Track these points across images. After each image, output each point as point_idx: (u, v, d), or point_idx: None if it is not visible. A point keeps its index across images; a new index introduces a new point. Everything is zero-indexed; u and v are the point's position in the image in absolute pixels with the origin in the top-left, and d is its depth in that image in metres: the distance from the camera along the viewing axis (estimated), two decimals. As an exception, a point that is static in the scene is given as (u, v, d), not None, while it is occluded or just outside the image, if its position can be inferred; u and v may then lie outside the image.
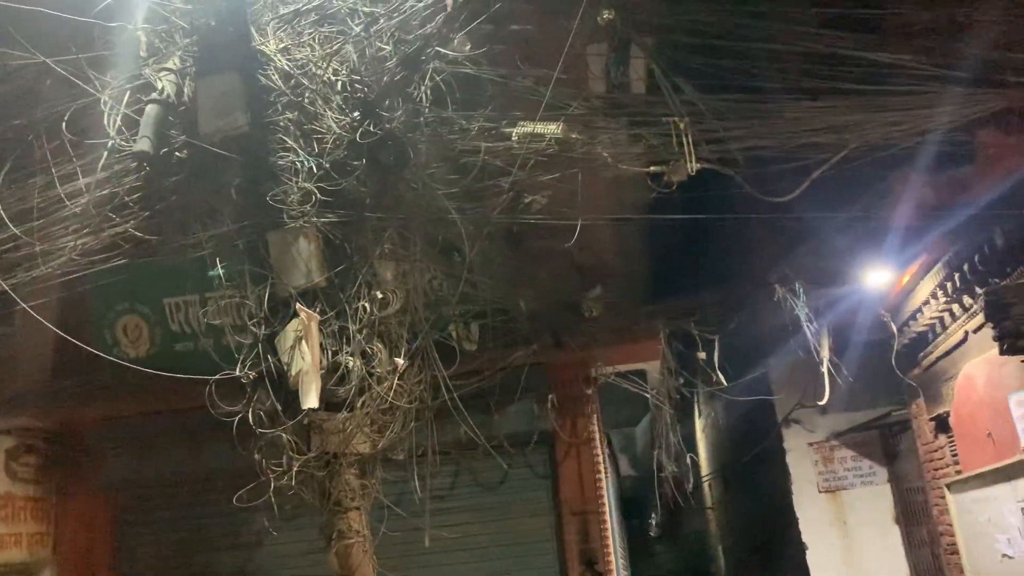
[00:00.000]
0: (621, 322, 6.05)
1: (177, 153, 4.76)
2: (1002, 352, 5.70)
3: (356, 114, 4.44)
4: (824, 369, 7.20)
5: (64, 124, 4.80)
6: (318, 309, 4.44)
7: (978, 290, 6.36)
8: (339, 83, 4.56)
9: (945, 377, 7.54)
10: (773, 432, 9.96)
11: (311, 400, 4.22)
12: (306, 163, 4.46)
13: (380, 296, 4.45)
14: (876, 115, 4.56)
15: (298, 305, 4.23)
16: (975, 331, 6.72)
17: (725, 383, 6.30)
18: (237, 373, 4.42)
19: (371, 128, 4.28)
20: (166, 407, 6.91)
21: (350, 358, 4.38)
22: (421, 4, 3.94)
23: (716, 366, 6.22)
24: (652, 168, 4.55)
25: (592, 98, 4.62)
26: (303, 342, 4.31)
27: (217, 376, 4.45)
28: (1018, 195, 5.26)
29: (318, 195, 4.40)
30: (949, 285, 6.61)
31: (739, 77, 4.76)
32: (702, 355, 6.20)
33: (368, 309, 4.40)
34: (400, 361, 4.43)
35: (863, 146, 4.64)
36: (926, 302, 7.13)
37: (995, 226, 5.57)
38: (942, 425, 7.83)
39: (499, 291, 5.22)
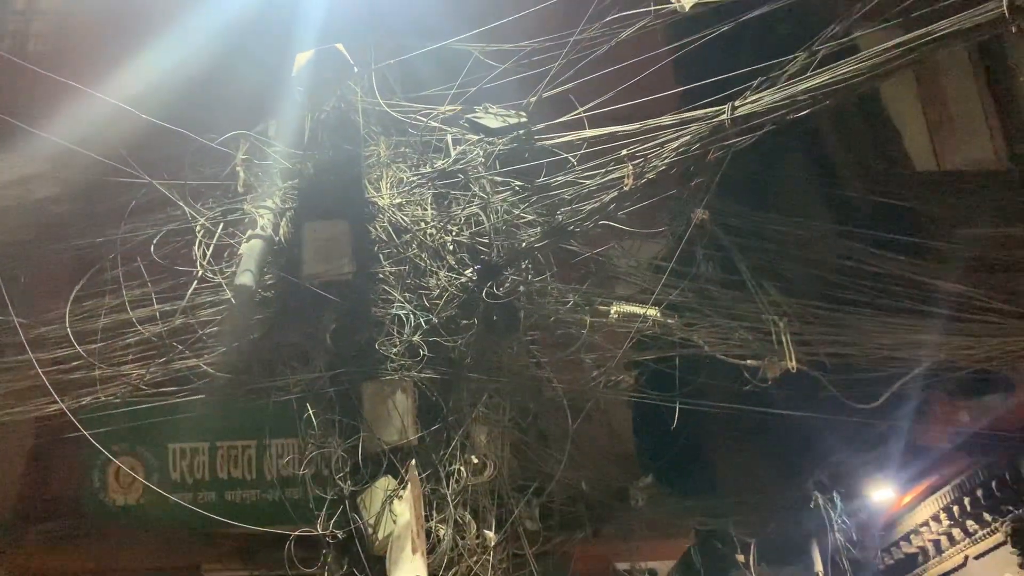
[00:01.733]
0: (659, 515, 5.94)
1: (262, 292, 4.63)
2: (1029, 579, 5.84)
3: (470, 272, 4.44)
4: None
5: (152, 247, 4.63)
6: (405, 471, 4.20)
7: (987, 516, 6.61)
8: (450, 243, 4.59)
9: (934, 605, 7.60)
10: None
11: (402, 568, 3.90)
12: (413, 317, 4.38)
13: (475, 461, 4.27)
14: (952, 338, 4.87)
15: (411, 463, 4.00)
16: (977, 557, 6.89)
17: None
18: (319, 531, 4.06)
19: (496, 290, 4.28)
20: (163, 565, 6.21)
21: (440, 526, 4.11)
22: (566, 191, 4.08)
23: (753, 570, 6.11)
24: (750, 361, 4.67)
25: (685, 289, 4.77)
26: (395, 503, 4.05)
27: (298, 532, 4.08)
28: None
29: (426, 351, 4.29)
30: (956, 508, 6.82)
31: (820, 286, 5.05)
32: (741, 557, 6.10)
33: (464, 474, 4.20)
34: (491, 535, 4.19)
35: (934, 365, 4.90)
36: (924, 523, 7.30)
37: (1019, 456, 5.87)
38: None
39: (565, 469, 5.09)
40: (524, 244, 4.16)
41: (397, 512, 4.01)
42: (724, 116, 3.30)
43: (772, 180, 5.71)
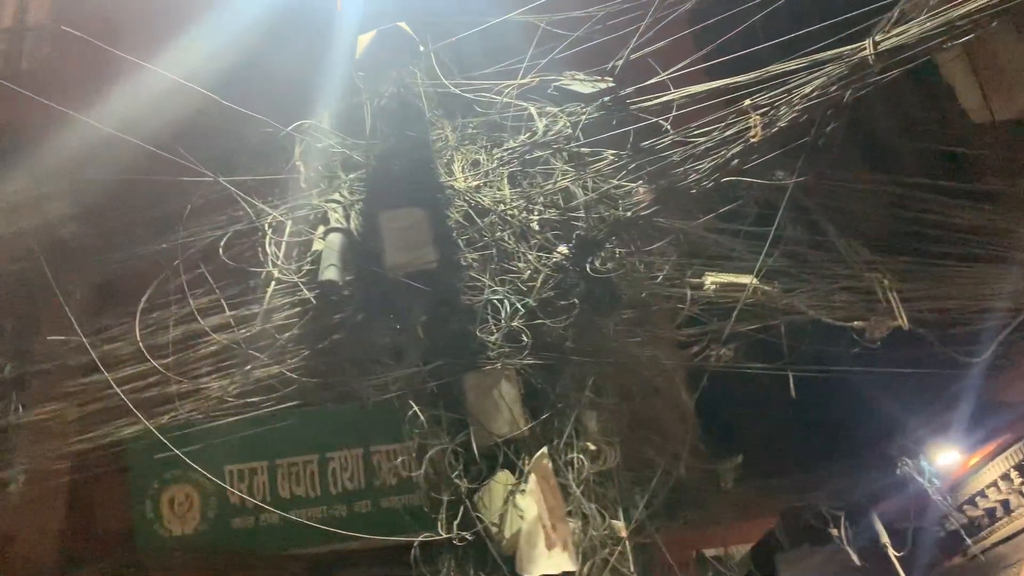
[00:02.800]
0: (747, 496, 5.73)
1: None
2: None
3: (563, 250, 4.20)
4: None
5: (221, 249, 4.32)
6: (524, 460, 3.95)
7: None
8: (535, 222, 4.35)
9: (1004, 564, 7.48)
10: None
11: (537, 567, 3.64)
12: (508, 302, 4.13)
13: (593, 448, 4.02)
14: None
15: (542, 452, 3.74)
16: (1053, 513, 6.79)
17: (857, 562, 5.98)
18: (443, 535, 3.77)
19: (598, 265, 4.04)
20: None
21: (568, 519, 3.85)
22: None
23: (847, 543, 5.93)
24: (856, 323, 4.48)
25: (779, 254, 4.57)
26: (518, 498, 3.78)
27: (421, 538, 3.79)
28: None
29: (528, 336, 4.04)
30: (1029, 465, 6.72)
31: (907, 241, 4.90)
32: (835, 531, 5.91)
33: (584, 462, 3.95)
34: (620, 524, 3.94)
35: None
36: (992, 484, 7.19)
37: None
38: (1000, 615, 7.67)
39: (662, 453, 4.85)
40: (630, 213, 3.92)
41: (523, 507, 3.75)
42: (867, 52, 3.11)
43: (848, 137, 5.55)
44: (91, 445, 4.03)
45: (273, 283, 4.25)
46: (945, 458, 7.06)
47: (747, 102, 3.46)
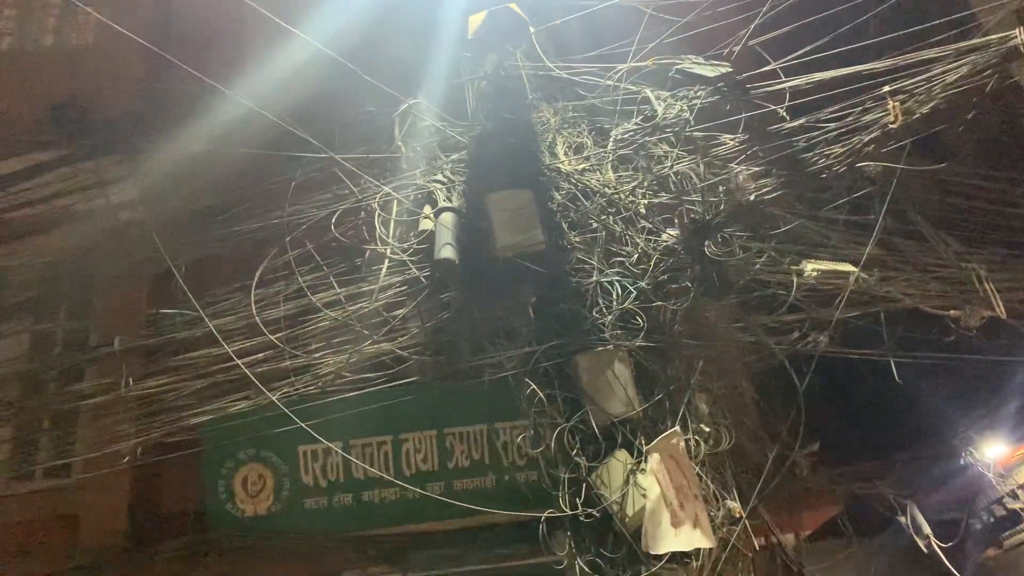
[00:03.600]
0: (820, 483, 5.79)
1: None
2: None
3: (673, 233, 4.24)
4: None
5: (332, 225, 4.32)
6: (639, 443, 3.99)
7: (1113, 462, 6.62)
8: (643, 206, 4.39)
9: (1042, 557, 7.61)
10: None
11: (663, 544, 3.68)
12: (620, 285, 4.16)
13: (707, 430, 4.07)
14: None
15: (674, 430, 3.78)
16: (1097, 506, 6.90)
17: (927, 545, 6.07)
18: (567, 511, 3.80)
19: (714, 248, 4.08)
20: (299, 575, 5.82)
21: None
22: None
23: (916, 530, 6.02)
24: (952, 312, 4.55)
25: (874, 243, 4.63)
26: (639, 476, 3.82)
27: (547, 513, 3.82)
28: None
29: (643, 317, 4.08)
30: (1077, 458, 6.83)
31: (992, 232, 4.98)
32: (903, 519, 5.99)
33: (700, 444, 3.99)
34: (736, 505, 3.99)
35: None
36: (1036, 477, 7.30)
37: None
38: (1036, 607, 7.80)
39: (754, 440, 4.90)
40: (753, 197, 3.96)
41: (645, 485, 3.79)
42: (1018, 40, 3.16)
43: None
44: (208, 417, 4.02)
45: (386, 261, 4.26)
46: (993, 450, 7.15)
47: (886, 88, 3.51)
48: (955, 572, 7.45)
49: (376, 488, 6.02)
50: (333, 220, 4.34)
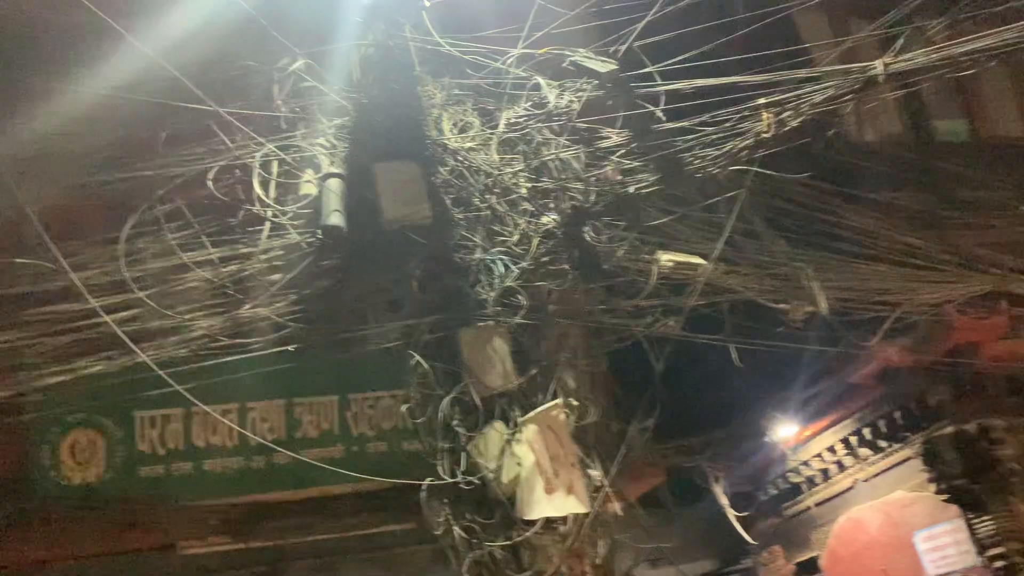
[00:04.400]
0: (650, 456, 6.24)
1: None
2: (937, 492, 6.92)
3: (554, 217, 4.46)
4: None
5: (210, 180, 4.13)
6: (515, 414, 4.17)
7: (882, 443, 7.67)
8: (524, 189, 4.56)
9: (817, 524, 8.67)
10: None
11: (536, 508, 3.89)
12: (503, 264, 4.32)
13: (575, 404, 4.31)
14: (922, 284, 5.63)
15: (556, 402, 3.97)
16: (866, 480, 7.97)
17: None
18: (448, 479, 3.91)
19: (593, 235, 4.33)
20: (129, 547, 5.48)
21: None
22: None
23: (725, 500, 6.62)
24: (783, 305, 5.09)
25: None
26: (515, 446, 4.02)
27: (428, 481, 3.90)
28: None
29: (525, 296, 4.26)
30: (854, 438, 7.83)
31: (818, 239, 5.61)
32: (717, 489, 6.58)
33: (568, 416, 4.23)
34: (598, 474, 4.26)
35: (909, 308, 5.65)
36: (817, 455, 8.29)
37: (929, 388, 6.91)
38: (808, 568, 8.86)
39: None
40: (632, 189, 4.24)
41: (520, 455, 3.98)
42: (878, 71, 3.62)
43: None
44: (68, 378, 3.74)
45: (267, 224, 4.14)
46: (786, 429, 8.06)
47: (762, 100, 3.89)
48: (747, 538, 8.36)
49: (219, 457, 5.83)
50: (210, 176, 4.14)
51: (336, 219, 4.06)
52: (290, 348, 3.99)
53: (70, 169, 4.06)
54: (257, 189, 4.22)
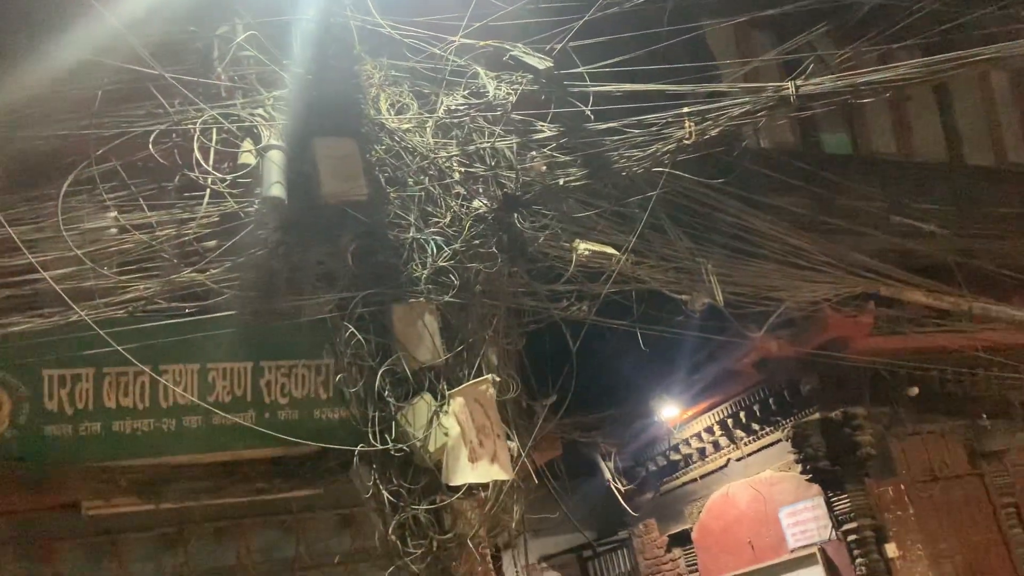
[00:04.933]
0: (551, 431, 6.58)
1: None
2: (802, 472, 7.62)
3: (485, 201, 4.71)
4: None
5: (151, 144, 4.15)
6: (443, 387, 4.42)
7: (755, 426, 8.35)
8: (458, 173, 4.79)
9: (692, 499, 9.31)
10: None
11: (460, 475, 4.16)
12: (435, 244, 4.55)
13: (498, 380, 4.59)
14: (803, 283, 6.22)
15: (486, 377, 4.22)
16: (739, 459, 8.64)
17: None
18: (379, 446, 4.12)
19: (520, 221, 4.60)
20: (31, 506, 5.35)
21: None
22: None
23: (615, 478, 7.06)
24: (682, 296, 5.54)
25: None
26: (442, 417, 4.27)
27: (359, 447, 4.09)
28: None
29: (456, 276, 4.50)
30: (730, 421, 8.46)
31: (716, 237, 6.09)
32: (609, 464, 7.00)
33: (491, 392, 4.51)
34: (515, 445, 4.56)
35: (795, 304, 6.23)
36: (696, 435, 8.91)
37: (801, 377, 7.58)
38: (680, 540, 9.51)
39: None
40: (562, 182, 4.53)
41: (447, 425, 4.23)
42: (789, 91, 4.04)
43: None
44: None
45: (208, 191, 4.20)
46: (669, 410, 8.61)
47: (686, 109, 4.25)
48: (630, 511, 8.91)
49: (128, 418, 5.79)
50: (151, 139, 4.16)
51: (277, 191, 4.17)
52: (209, 316, 4.06)
53: (3, 123, 3.97)
54: (197, 155, 4.25)
